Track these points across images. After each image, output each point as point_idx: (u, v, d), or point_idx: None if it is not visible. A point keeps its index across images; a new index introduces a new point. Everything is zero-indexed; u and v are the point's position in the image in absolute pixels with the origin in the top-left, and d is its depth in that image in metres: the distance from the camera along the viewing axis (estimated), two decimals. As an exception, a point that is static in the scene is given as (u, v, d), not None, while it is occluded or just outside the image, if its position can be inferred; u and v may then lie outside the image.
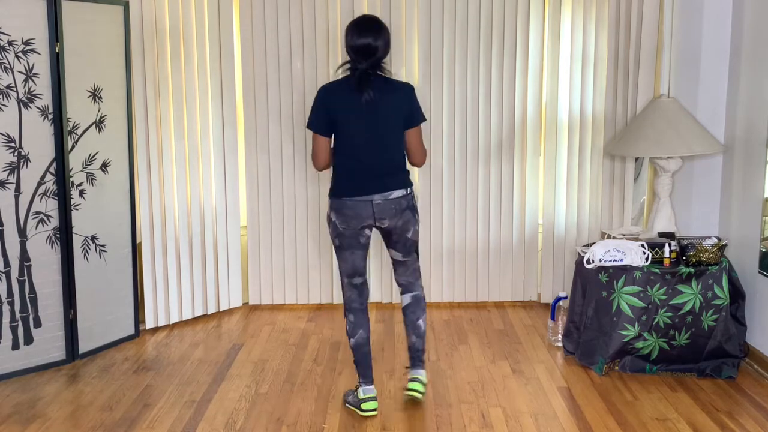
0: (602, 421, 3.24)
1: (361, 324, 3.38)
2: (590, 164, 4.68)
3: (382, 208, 3.23)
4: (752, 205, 3.87)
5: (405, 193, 3.28)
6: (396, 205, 3.25)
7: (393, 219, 3.26)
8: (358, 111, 3.19)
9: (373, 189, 3.22)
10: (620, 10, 4.49)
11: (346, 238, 3.29)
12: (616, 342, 3.69)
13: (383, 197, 3.22)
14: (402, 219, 3.28)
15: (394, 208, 3.25)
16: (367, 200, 3.22)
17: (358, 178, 3.24)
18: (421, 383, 3.39)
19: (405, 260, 3.41)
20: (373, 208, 3.22)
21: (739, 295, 3.78)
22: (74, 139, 3.89)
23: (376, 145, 3.22)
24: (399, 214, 3.26)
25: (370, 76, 3.18)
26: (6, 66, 3.60)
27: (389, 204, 3.23)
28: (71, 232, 3.91)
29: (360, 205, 3.22)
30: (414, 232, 3.35)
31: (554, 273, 4.86)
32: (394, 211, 3.25)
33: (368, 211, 3.22)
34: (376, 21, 3.23)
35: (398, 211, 3.26)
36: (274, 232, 4.88)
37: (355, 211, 3.23)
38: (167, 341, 4.29)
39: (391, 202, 3.23)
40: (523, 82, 4.71)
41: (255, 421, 3.29)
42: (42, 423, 3.29)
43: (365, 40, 3.16)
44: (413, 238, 3.36)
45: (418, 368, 3.44)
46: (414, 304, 3.44)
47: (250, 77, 4.71)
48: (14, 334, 3.78)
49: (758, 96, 3.81)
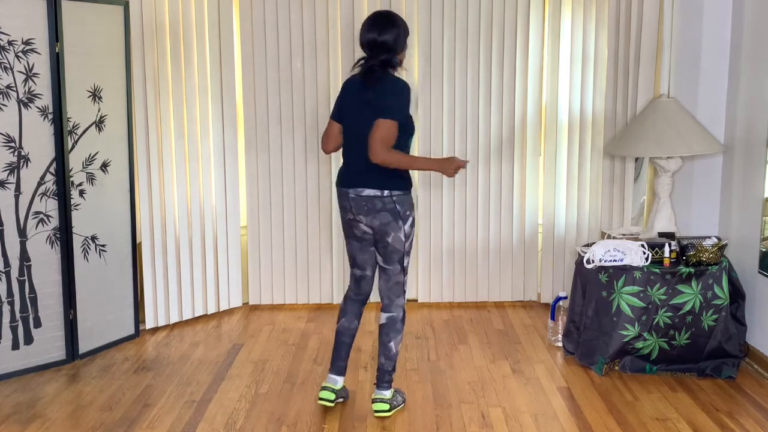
0: (602, 421, 3.24)
1: (347, 312, 3.43)
2: (590, 164, 4.69)
3: (356, 203, 3.24)
4: (752, 205, 3.87)
5: (379, 194, 3.19)
6: (368, 203, 3.22)
7: (367, 217, 3.24)
8: (354, 105, 3.22)
9: (348, 183, 3.27)
10: (620, 10, 4.49)
11: (343, 225, 3.39)
12: (616, 342, 3.69)
13: (356, 192, 3.23)
14: (378, 220, 3.22)
15: (366, 206, 3.22)
16: (344, 192, 3.27)
17: (343, 170, 3.32)
18: (385, 403, 3.31)
19: (385, 267, 3.30)
20: (349, 201, 3.26)
21: (739, 295, 3.78)
22: (74, 139, 3.89)
23: (356, 141, 3.23)
24: (373, 213, 3.22)
25: (375, 72, 3.16)
26: (6, 66, 3.60)
27: (361, 201, 3.23)
28: (71, 232, 3.91)
29: (342, 197, 3.29)
30: (395, 238, 3.23)
31: (554, 273, 4.86)
32: (367, 209, 3.23)
33: (347, 204, 3.28)
34: (386, 16, 3.20)
35: (371, 210, 3.22)
36: (274, 232, 4.88)
37: (340, 202, 3.33)
38: (167, 341, 4.29)
39: (362, 199, 3.22)
40: (523, 82, 4.71)
41: (255, 421, 3.29)
42: (42, 423, 3.29)
43: (370, 35, 3.16)
44: (394, 245, 3.24)
45: (380, 389, 3.35)
46: (389, 324, 3.34)
47: (250, 77, 4.71)
48: (14, 334, 3.78)
49: (758, 96, 3.81)
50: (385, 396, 3.34)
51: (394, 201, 3.20)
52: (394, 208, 3.20)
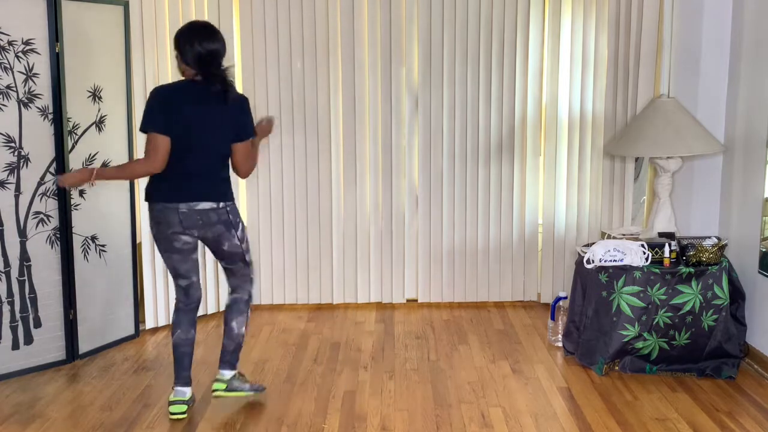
0: (602, 421, 3.24)
1: (181, 323, 3.39)
2: (590, 164, 4.69)
3: (187, 217, 3.21)
4: (752, 205, 3.87)
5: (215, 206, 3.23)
6: (202, 217, 3.22)
7: (201, 230, 3.24)
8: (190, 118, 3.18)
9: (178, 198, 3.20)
10: (620, 10, 4.49)
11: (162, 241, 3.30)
12: (616, 342, 3.69)
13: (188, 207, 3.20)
14: (212, 231, 3.25)
15: (201, 220, 3.22)
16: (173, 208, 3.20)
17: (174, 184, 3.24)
18: (221, 382, 3.43)
19: (230, 267, 3.42)
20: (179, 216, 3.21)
21: (739, 295, 3.78)
22: (74, 139, 3.89)
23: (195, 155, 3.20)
24: (207, 227, 3.23)
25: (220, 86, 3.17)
26: (6, 66, 3.60)
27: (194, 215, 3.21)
28: (71, 232, 3.91)
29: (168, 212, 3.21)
30: (231, 244, 3.31)
31: (554, 273, 4.86)
32: (201, 223, 3.22)
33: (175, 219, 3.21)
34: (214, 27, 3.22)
35: (206, 224, 3.23)
36: (274, 232, 4.88)
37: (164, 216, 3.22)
38: (167, 341, 4.29)
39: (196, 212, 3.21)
40: (523, 82, 4.71)
41: (255, 421, 3.29)
42: (42, 423, 3.29)
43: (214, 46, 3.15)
44: (231, 250, 3.32)
45: (224, 369, 3.46)
46: (233, 305, 3.45)
47: (250, 77, 4.71)
48: (14, 334, 3.78)
49: (758, 96, 3.81)
50: (224, 376, 3.44)
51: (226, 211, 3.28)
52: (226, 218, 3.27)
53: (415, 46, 4.70)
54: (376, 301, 4.98)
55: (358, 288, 4.94)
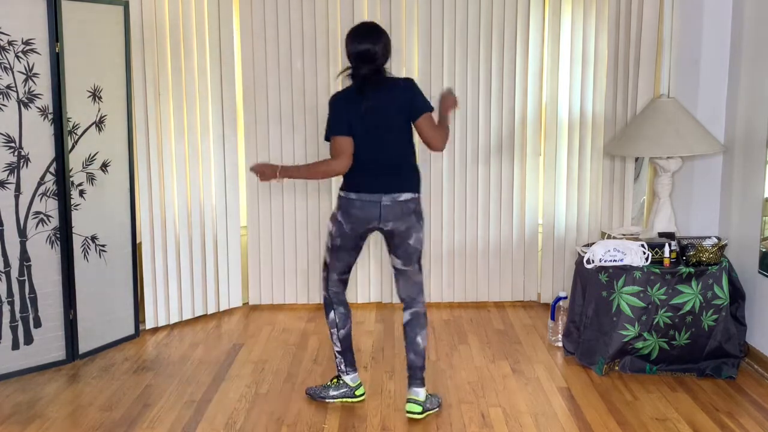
0: (602, 421, 3.24)
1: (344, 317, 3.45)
2: (590, 164, 4.69)
3: (388, 210, 3.23)
4: (752, 205, 3.87)
5: (412, 197, 3.29)
6: (403, 208, 3.25)
7: (397, 222, 3.26)
8: (361, 115, 3.23)
9: (378, 189, 3.24)
10: (620, 10, 4.49)
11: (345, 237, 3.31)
12: (616, 342, 3.69)
13: (391, 198, 3.24)
14: (406, 223, 3.27)
15: (401, 210, 3.25)
16: (375, 200, 3.23)
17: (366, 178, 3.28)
18: (416, 404, 3.29)
19: (405, 269, 3.35)
20: (380, 209, 3.23)
21: (739, 295, 3.78)
22: (74, 139, 3.89)
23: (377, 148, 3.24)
24: (405, 216, 3.26)
25: (370, 81, 3.23)
26: (6, 66, 3.60)
27: (396, 206, 3.24)
28: (71, 232, 3.91)
29: (367, 206, 3.24)
30: (417, 239, 3.31)
31: (554, 273, 4.86)
32: (400, 213, 3.25)
33: (375, 212, 3.24)
34: (374, 27, 3.28)
35: (405, 214, 3.26)
36: (274, 232, 4.88)
37: (363, 211, 3.25)
38: (167, 341, 4.29)
39: (397, 204, 3.24)
40: (523, 82, 4.71)
41: (255, 421, 3.29)
42: (42, 423, 3.29)
43: (365, 45, 3.21)
44: (415, 245, 3.32)
45: (414, 386, 3.34)
46: (413, 320, 3.36)
47: (250, 77, 4.72)
48: (14, 334, 3.78)
49: (758, 96, 3.81)
50: (418, 396, 3.31)
51: (418, 201, 3.33)
52: (418, 209, 3.32)
53: (415, 46, 4.70)
54: (376, 301, 4.98)
55: (358, 288, 4.94)
